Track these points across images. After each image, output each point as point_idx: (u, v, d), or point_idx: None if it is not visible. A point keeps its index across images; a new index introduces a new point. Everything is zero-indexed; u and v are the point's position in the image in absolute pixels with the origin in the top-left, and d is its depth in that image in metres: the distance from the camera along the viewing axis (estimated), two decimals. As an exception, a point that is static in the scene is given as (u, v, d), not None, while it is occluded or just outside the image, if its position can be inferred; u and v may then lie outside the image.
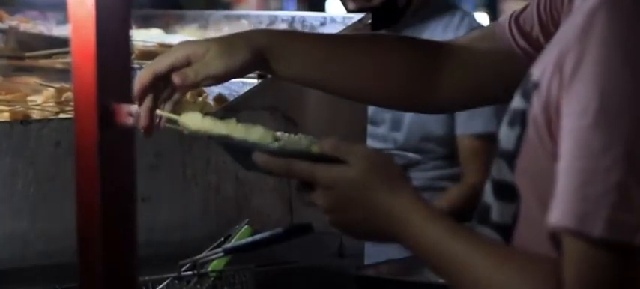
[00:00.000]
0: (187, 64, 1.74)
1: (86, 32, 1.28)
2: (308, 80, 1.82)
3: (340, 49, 1.82)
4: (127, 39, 1.31)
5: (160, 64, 1.75)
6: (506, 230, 1.45)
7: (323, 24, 2.67)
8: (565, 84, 1.33)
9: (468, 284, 1.42)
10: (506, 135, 1.45)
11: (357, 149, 1.51)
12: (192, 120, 1.65)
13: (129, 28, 1.32)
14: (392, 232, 1.49)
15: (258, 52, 1.77)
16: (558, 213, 1.30)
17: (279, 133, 1.64)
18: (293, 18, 2.79)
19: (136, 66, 2.27)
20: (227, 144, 1.62)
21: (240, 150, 1.59)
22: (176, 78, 1.73)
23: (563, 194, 1.31)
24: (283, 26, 2.81)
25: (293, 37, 1.87)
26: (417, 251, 1.47)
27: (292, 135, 1.63)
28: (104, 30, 1.28)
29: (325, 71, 1.80)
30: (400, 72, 1.81)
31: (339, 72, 1.80)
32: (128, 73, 1.31)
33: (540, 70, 1.40)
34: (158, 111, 1.71)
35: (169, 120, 1.70)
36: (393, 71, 1.81)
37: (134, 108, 1.28)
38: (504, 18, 1.80)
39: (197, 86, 1.74)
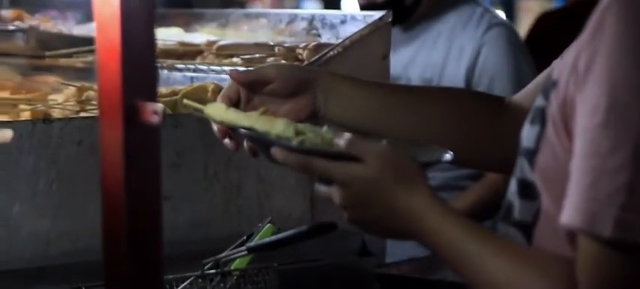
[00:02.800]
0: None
1: (111, 31, 1.28)
2: (358, 126, 1.78)
3: (395, 99, 1.79)
4: (152, 37, 1.31)
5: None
6: (527, 229, 1.45)
7: (343, 22, 2.66)
8: (579, 83, 1.33)
9: (482, 284, 1.42)
10: (527, 133, 1.45)
11: (373, 147, 1.51)
12: (217, 111, 1.67)
13: (153, 26, 1.31)
14: (408, 230, 1.49)
15: (310, 76, 1.77)
16: (570, 212, 1.31)
17: (302, 125, 1.63)
18: (313, 16, 2.79)
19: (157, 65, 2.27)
20: (248, 136, 1.61)
21: (260, 143, 1.59)
22: (230, 73, 1.81)
23: (574, 193, 1.31)
24: (303, 24, 2.80)
25: (347, 80, 1.83)
26: (432, 249, 1.47)
27: (317, 128, 1.63)
28: (129, 29, 1.28)
29: (378, 122, 1.78)
30: (465, 128, 1.78)
31: (393, 124, 1.77)
32: (153, 72, 1.31)
33: (560, 68, 1.40)
34: (185, 101, 1.73)
35: (195, 110, 1.71)
36: (461, 129, 1.78)
37: (159, 106, 1.28)
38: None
39: (247, 85, 1.77)
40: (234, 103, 1.75)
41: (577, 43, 1.39)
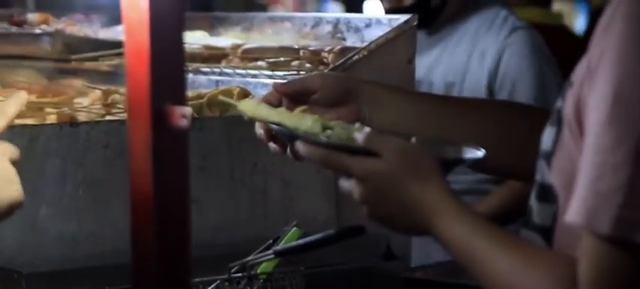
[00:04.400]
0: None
1: (140, 35, 1.28)
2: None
3: (438, 112, 1.80)
4: (181, 41, 1.31)
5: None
6: (547, 233, 1.44)
7: (368, 25, 2.66)
8: (591, 81, 1.33)
9: (487, 281, 1.41)
10: (547, 136, 1.45)
11: (390, 142, 1.51)
12: (249, 107, 1.69)
13: (182, 30, 1.31)
14: (422, 225, 1.50)
15: (354, 86, 1.79)
16: (573, 209, 1.30)
17: (334, 122, 1.64)
18: (338, 19, 2.79)
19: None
20: (277, 131, 1.64)
21: (287, 138, 1.61)
22: (273, 85, 1.81)
23: (579, 189, 1.30)
24: (328, 28, 2.80)
25: (391, 89, 1.84)
26: (444, 245, 1.47)
27: (349, 124, 1.64)
28: (158, 32, 1.28)
29: (423, 132, 1.78)
30: (513, 141, 1.77)
31: (441, 135, 1.77)
32: (181, 75, 1.31)
33: (577, 68, 1.40)
34: (220, 98, 1.76)
35: (228, 105, 1.73)
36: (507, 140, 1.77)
37: (187, 109, 1.28)
38: None
39: (290, 96, 1.78)
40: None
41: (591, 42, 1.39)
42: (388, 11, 3.26)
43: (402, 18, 2.51)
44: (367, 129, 1.55)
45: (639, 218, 1.23)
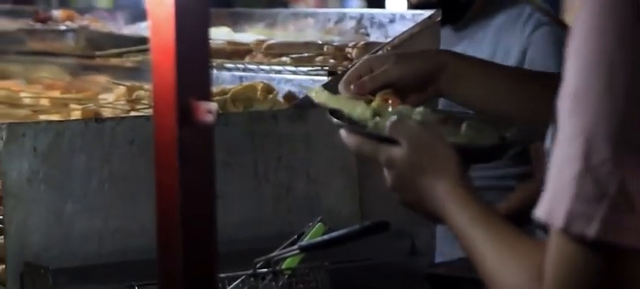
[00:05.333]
0: (370, 72, 1.81)
1: (165, 30, 1.28)
2: (478, 106, 1.81)
3: (520, 85, 1.81)
4: (206, 36, 1.32)
5: (349, 75, 1.82)
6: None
7: (392, 21, 2.66)
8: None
9: (479, 271, 1.41)
10: (549, 133, 1.44)
11: (410, 129, 1.53)
12: (316, 92, 1.75)
13: (208, 25, 1.32)
14: (437, 213, 1.50)
15: (435, 65, 1.80)
16: (539, 204, 1.28)
17: (401, 107, 1.69)
18: (361, 15, 2.79)
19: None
20: (330, 117, 1.70)
21: (335, 126, 1.67)
22: (354, 88, 1.79)
23: (547, 183, 1.29)
24: (351, 23, 2.80)
25: (474, 62, 1.87)
26: (453, 234, 1.48)
27: (409, 109, 1.68)
28: (183, 28, 1.28)
29: (498, 104, 1.79)
30: None
31: (514, 107, 1.78)
32: (207, 71, 1.31)
33: None
34: (302, 85, 1.81)
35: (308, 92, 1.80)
36: None
37: (213, 105, 1.28)
38: None
39: (374, 93, 1.77)
40: None
41: None
42: (416, 6, 3.24)
43: (426, 13, 2.50)
44: (393, 118, 1.57)
45: (591, 211, 1.21)
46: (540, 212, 1.26)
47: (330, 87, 1.80)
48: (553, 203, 1.24)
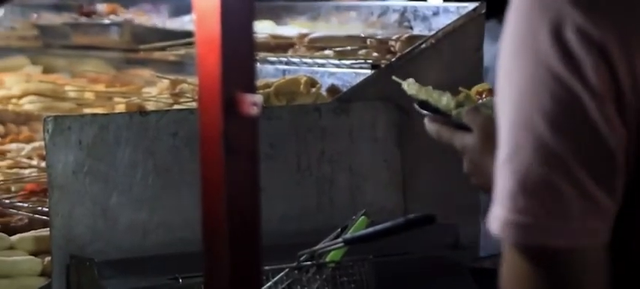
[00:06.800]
0: None
1: (211, 24, 1.28)
2: None
3: None
4: (251, 29, 1.32)
5: None
6: None
7: (436, 13, 2.65)
8: None
9: None
10: None
11: (480, 118, 1.57)
12: (408, 84, 1.84)
13: (253, 18, 1.32)
14: None
15: None
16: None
17: (488, 99, 1.76)
18: (405, 8, 2.78)
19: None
20: (417, 108, 1.79)
21: (420, 115, 1.77)
22: None
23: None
24: (395, 16, 2.79)
25: None
26: None
27: (487, 100, 1.74)
28: (228, 21, 1.28)
29: None
30: None
31: None
32: (252, 64, 1.31)
33: None
34: (394, 77, 1.88)
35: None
36: None
37: (258, 97, 1.28)
38: None
39: None
40: None
41: None
42: None
43: (470, 6, 2.49)
44: (469, 107, 1.65)
45: (517, 219, 1.21)
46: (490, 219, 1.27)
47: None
48: (491, 212, 1.24)
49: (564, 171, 1.20)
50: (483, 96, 1.82)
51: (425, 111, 1.73)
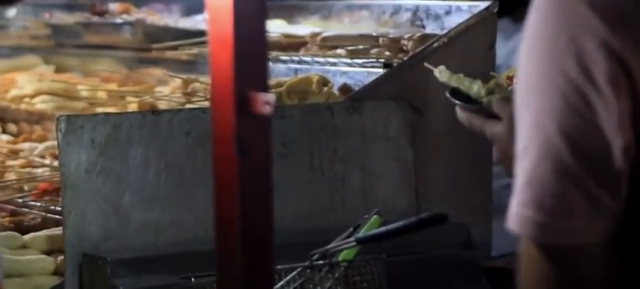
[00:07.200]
0: None
1: (224, 23, 1.28)
2: None
3: None
4: (263, 28, 1.32)
5: None
6: None
7: (448, 12, 2.65)
8: None
9: None
10: None
11: (509, 107, 1.59)
12: (440, 71, 1.92)
13: (265, 17, 1.32)
14: None
15: None
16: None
17: (510, 86, 1.80)
18: (417, 7, 2.78)
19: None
20: (449, 97, 1.85)
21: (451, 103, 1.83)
22: None
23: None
24: (407, 15, 2.79)
25: None
26: None
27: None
28: (241, 20, 1.28)
29: None
30: None
31: None
32: (264, 63, 1.31)
33: None
34: (426, 64, 1.96)
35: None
36: None
37: (271, 96, 1.28)
38: None
39: None
40: None
41: None
42: None
43: (483, 4, 2.49)
44: (499, 97, 1.70)
45: (535, 216, 1.25)
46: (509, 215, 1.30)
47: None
48: (510, 209, 1.28)
49: (572, 174, 1.23)
50: (513, 81, 1.85)
51: (456, 101, 1.79)
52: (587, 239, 1.25)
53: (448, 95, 1.82)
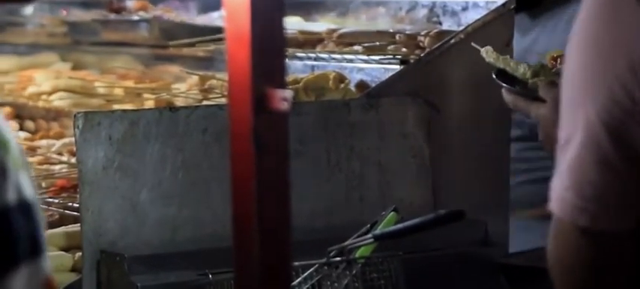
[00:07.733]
0: None
1: (241, 20, 1.28)
2: None
3: None
4: (281, 25, 1.32)
5: None
6: None
7: (465, 8, 2.64)
8: None
9: None
10: None
11: (553, 91, 1.70)
12: (487, 51, 1.99)
13: (282, 14, 1.32)
14: None
15: None
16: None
17: (554, 66, 1.88)
18: (434, 3, 2.77)
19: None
20: (494, 78, 1.91)
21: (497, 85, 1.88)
22: None
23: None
24: (423, 12, 2.78)
25: None
26: None
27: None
28: (258, 16, 1.28)
29: None
30: None
31: None
32: (282, 59, 1.31)
33: None
34: (473, 44, 2.03)
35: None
36: None
37: (288, 93, 1.28)
38: None
39: None
40: None
41: None
42: None
43: (500, 0, 2.48)
44: (544, 80, 1.78)
45: (575, 200, 1.31)
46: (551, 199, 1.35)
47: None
48: (552, 192, 1.34)
49: (611, 165, 1.29)
50: (558, 62, 1.89)
51: (502, 83, 1.84)
52: (623, 226, 1.32)
53: (494, 76, 1.87)
